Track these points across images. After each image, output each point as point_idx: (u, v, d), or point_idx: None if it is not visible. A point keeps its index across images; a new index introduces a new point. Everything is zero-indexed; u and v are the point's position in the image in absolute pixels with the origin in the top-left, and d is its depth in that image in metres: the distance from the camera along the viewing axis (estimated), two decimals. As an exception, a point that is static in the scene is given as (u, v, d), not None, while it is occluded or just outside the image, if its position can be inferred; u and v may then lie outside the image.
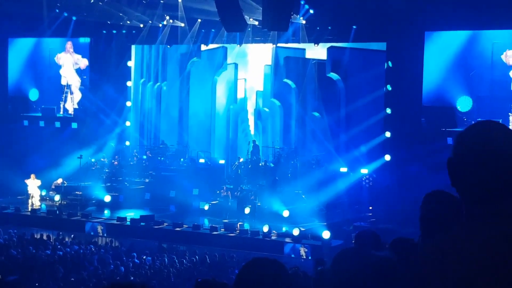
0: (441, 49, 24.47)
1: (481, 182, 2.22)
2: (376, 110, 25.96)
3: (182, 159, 28.99)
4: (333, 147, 27.02)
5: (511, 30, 23.49)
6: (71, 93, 31.80)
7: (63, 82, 31.87)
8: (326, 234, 21.26)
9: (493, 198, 2.21)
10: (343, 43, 26.93)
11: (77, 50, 31.79)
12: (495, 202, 2.20)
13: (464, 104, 24.35)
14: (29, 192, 26.41)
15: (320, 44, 27.23)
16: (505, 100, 23.69)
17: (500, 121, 22.39)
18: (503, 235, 2.15)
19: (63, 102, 31.71)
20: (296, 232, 21.58)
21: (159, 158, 29.19)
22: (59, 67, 31.84)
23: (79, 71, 31.78)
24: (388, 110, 25.48)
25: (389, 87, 25.49)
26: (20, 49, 32.60)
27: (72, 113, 31.46)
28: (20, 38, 32.45)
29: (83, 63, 31.64)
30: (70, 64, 31.76)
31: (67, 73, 31.78)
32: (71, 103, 31.72)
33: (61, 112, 31.67)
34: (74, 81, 31.76)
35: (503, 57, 23.53)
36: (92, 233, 23.95)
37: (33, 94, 32.41)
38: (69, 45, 31.67)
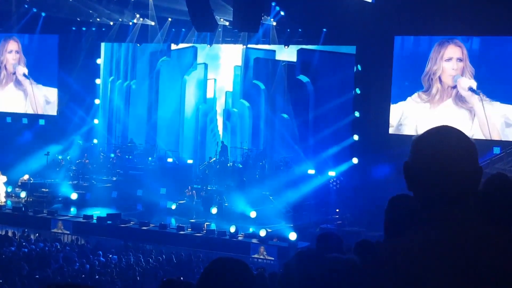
0: (399, 52, 24.83)
1: (436, 185, 2.27)
2: (344, 113, 26.12)
3: (150, 158, 28.90)
4: (301, 149, 27.11)
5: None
6: None
7: None
8: (292, 236, 21.35)
9: (448, 202, 2.26)
10: (313, 45, 27.05)
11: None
12: (449, 205, 2.26)
13: None
14: (-6, 189, 26.17)
15: (291, 46, 27.33)
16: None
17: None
18: (456, 238, 2.21)
19: None
20: (263, 233, 21.63)
21: (127, 156, 29.05)
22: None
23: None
24: (357, 114, 25.66)
25: (358, 91, 25.66)
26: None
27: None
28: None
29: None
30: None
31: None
32: None
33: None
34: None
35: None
36: (54, 229, 23.76)
37: None
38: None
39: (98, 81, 31.39)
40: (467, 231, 2.21)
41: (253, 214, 23.65)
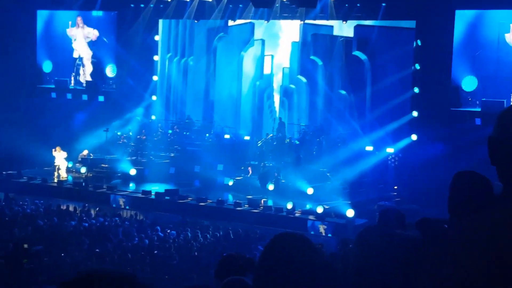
0: (460, 27, 24.33)
1: None
2: (403, 89, 25.75)
3: (207, 135, 29.03)
4: (359, 125, 26.87)
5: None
6: (83, 66, 32.09)
7: (75, 55, 32.22)
8: (350, 213, 21.25)
9: None
10: (372, 20, 26.66)
11: (90, 23, 31.97)
12: None
13: (469, 84, 24.25)
14: (55, 164, 26.64)
15: (349, 21, 26.99)
16: (509, 80, 23.49)
17: (504, 102, 22.12)
18: None
19: (74, 74, 32.06)
20: (320, 210, 21.57)
21: (184, 133, 29.25)
22: (71, 40, 32.13)
23: (91, 44, 32.01)
24: (416, 89, 25.25)
25: (417, 66, 25.23)
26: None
27: (85, 85, 31.73)
28: (43, 10, 32.65)
29: (94, 34, 31.85)
30: (81, 38, 32.03)
31: (79, 47, 32.09)
32: (83, 75, 32.03)
33: (72, 84, 32.03)
34: (86, 54, 32.05)
35: (508, 36, 23.32)
36: (114, 205, 24.14)
37: (47, 66, 32.73)
38: (79, 19, 31.86)
39: (156, 57, 31.61)
40: None
41: (310, 191, 23.59)
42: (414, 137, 24.96)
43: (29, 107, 31.51)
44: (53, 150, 26.72)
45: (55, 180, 26.24)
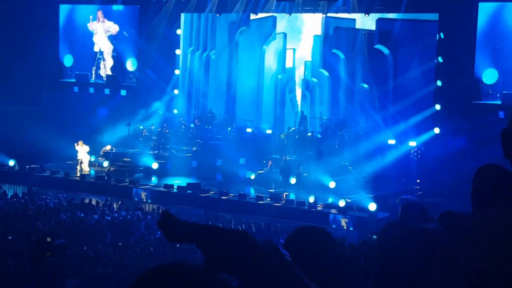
0: (483, 20, 24.10)
1: None
2: (426, 82, 25.57)
3: (229, 128, 29.00)
4: (381, 119, 26.71)
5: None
6: (104, 59, 32.18)
7: (96, 49, 32.31)
8: (372, 206, 21.16)
9: None
10: (394, 13, 26.48)
11: (110, 17, 32.06)
12: None
13: (489, 76, 24.04)
14: (78, 158, 26.77)
15: (371, 14, 26.82)
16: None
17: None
18: None
19: (95, 68, 32.22)
20: (342, 203, 21.50)
21: (206, 126, 29.25)
22: (92, 34, 32.25)
23: (111, 38, 32.12)
24: (439, 83, 25.06)
25: (440, 59, 25.03)
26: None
27: (105, 79, 31.82)
28: (65, 4, 32.79)
29: (114, 29, 31.96)
30: (102, 32, 32.13)
31: (100, 40, 32.18)
32: (104, 69, 32.16)
33: (93, 78, 32.14)
34: (106, 48, 32.14)
35: None
36: (136, 199, 24.21)
37: (68, 60, 32.86)
38: (100, 14, 31.95)
39: (178, 51, 31.62)
40: None
41: (332, 184, 23.52)
42: (436, 130, 24.78)
43: (51, 101, 31.70)
44: (76, 144, 26.87)
45: (78, 174, 26.35)
